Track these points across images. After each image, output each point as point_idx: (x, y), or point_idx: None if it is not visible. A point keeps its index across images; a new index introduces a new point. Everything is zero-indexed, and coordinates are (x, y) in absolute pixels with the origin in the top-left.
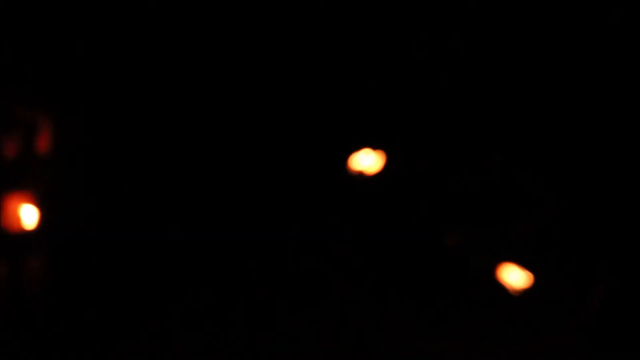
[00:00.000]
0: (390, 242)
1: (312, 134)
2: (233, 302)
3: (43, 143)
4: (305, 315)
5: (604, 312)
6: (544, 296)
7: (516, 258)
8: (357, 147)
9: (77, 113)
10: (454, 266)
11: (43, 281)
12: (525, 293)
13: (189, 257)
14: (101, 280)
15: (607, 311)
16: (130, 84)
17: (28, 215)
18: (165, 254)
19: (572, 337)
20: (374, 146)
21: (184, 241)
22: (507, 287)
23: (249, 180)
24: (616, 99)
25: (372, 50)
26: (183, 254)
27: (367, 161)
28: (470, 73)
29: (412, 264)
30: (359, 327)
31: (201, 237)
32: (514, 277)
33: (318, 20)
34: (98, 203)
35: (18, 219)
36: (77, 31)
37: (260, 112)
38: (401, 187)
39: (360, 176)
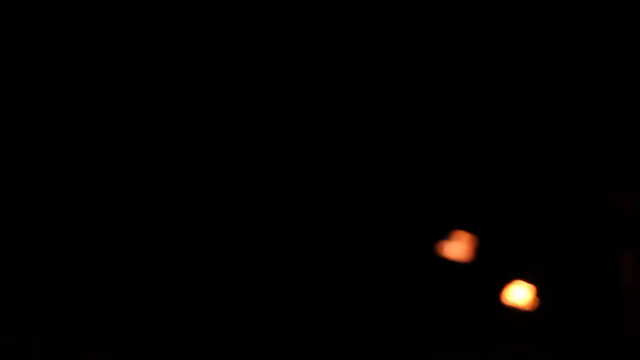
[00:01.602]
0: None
1: (311, 134)
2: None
3: None
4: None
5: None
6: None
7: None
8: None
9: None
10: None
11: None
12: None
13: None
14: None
15: None
16: (130, 84)
17: None
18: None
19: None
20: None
21: (184, 245)
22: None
23: (248, 181)
24: (616, 99)
25: (372, 50)
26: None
27: None
28: (470, 73)
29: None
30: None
31: (202, 240)
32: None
33: (318, 20)
34: (98, 203)
35: None
36: (77, 31)
37: (259, 112)
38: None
39: None
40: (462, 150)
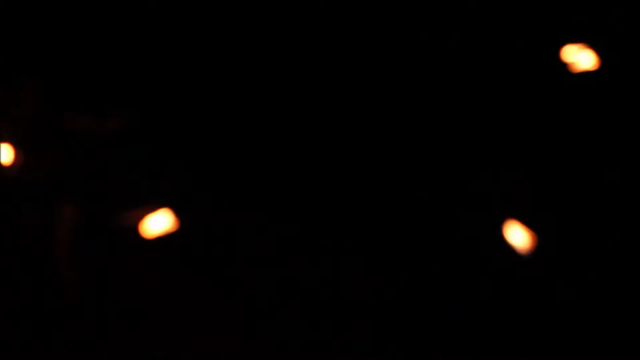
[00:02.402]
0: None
1: (311, 134)
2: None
3: None
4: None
5: None
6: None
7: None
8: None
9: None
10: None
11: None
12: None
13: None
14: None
15: None
16: (130, 84)
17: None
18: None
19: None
20: None
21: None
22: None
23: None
24: (615, 98)
25: (373, 51)
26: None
27: None
28: (470, 73)
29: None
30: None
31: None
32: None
33: (318, 20)
34: (98, 202)
35: None
36: (77, 31)
37: (260, 112)
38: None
39: None
40: (462, 149)
